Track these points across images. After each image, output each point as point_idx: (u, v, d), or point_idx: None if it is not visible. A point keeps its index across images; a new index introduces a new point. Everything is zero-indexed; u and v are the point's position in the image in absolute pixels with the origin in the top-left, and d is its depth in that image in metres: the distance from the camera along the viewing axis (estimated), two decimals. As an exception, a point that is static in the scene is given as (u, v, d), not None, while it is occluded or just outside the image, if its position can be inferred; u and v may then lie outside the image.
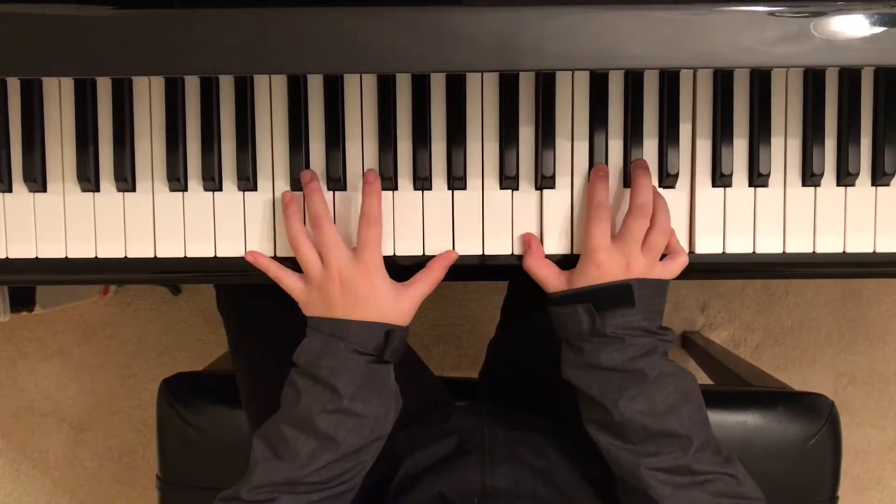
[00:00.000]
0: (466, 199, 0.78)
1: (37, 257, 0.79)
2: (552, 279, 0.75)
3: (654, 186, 0.76)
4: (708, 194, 0.78)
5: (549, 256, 0.77)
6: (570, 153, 0.78)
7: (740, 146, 0.78)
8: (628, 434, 0.70)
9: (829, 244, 0.78)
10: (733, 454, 0.71)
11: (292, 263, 0.76)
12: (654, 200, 0.74)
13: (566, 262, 0.77)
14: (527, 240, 0.76)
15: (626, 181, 0.78)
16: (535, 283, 0.77)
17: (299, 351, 0.72)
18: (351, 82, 0.78)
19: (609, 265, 0.72)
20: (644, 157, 0.77)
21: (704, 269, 0.79)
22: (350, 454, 0.70)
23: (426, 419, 0.87)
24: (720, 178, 0.77)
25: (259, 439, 0.71)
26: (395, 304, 0.73)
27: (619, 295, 0.71)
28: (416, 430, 0.83)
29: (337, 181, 0.77)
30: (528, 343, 0.97)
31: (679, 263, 0.75)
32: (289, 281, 0.75)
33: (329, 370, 0.69)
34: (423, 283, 0.75)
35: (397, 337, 0.72)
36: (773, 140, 0.77)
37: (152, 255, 0.78)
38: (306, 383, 0.70)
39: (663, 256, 0.75)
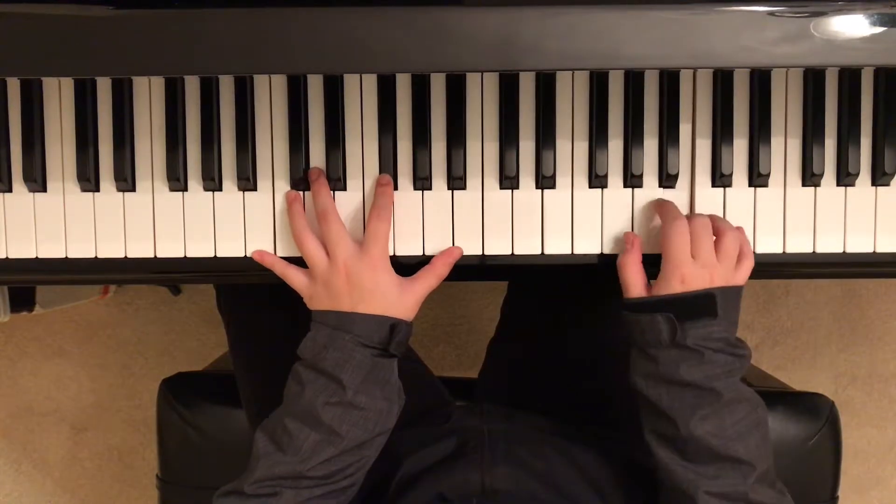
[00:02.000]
0: (466, 199, 0.78)
1: (37, 257, 0.79)
2: (637, 285, 0.73)
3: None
4: (708, 194, 0.78)
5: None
6: (570, 153, 0.78)
7: (740, 146, 0.78)
8: (690, 452, 0.69)
9: (829, 244, 0.78)
10: (785, 489, 0.71)
11: (293, 263, 0.76)
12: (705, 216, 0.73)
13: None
14: (630, 238, 0.75)
15: (627, 181, 0.78)
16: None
17: (304, 344, 0.72)
18: (351, 82, 0.78)
19: (693, 279, 0.70)
20: (644, 157, 0.77)
21: (704, 269, 0.79)
22: (353, 448, 0.70)
23: (426, 419, 0.87)
24: (720, 178, 0.77)
25: (262, 433, 0.71)
26: (399, 298, 0.73)
27: (701, 305, 0.69)
28: (415, 431, 0.83)
29: (337, 181, 0.77)
30: (528, 343, 0.97)
31: (746, 268, 0.73)
32: (294, 276, 0.75)
33: (334, 362, 0.69)
34: (428, 279, 0.75)
35: (402, 330, 0.72)
36: (773, 140, 0.77)
37: (152, 255, 0.78)
38: (311, 375, 0.70)
39: None
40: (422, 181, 0.78)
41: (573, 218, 0.78)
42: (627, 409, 0.76)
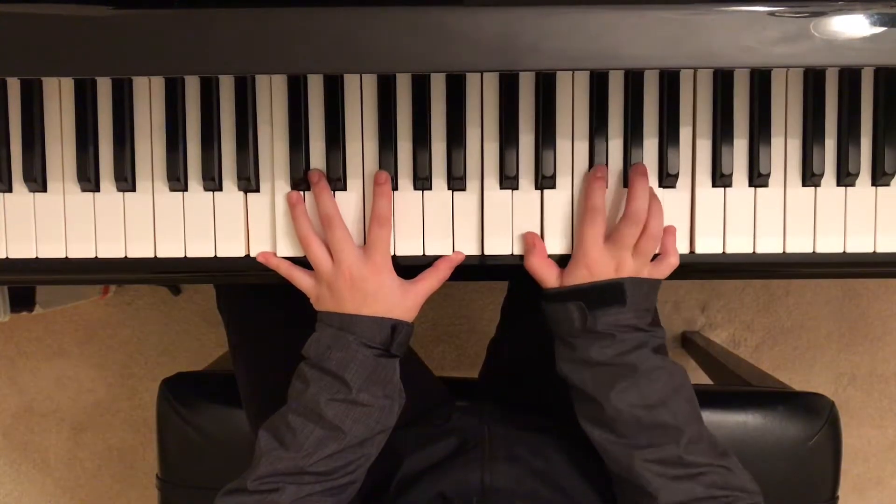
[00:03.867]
0: (466, 199, 0.78)
1: (37, 257, 0.79)
2: (551, 278, 0.76)
3: (651, 189, 0.76)
4: (708, 194, 0.78)
5: (549, 256, 0.77)
6: (570, 153, 0.78)
7: (740, 146, 0.78)
8: (620, 427, 0.71)
9: (829, 244, 0.78)
10: (729, 450, 0.72)
11: (294, 262, 0.77)
12: (650, 205, 0.75)
13: (565, 261, 0.77)
14: (529, 239, 0.77)
15: (626, 181, 0.78)
16: (535, 284, 0.77)
17: (309, 344, 0.73)
18: (351, 82, 0.78)
19: (599, 267, 0.73)
20: (644, 157, 0.77)
21: (704, 269, 0.79)
22: (355, 445, 0.71)
23: (426, 419, 0.87)
24: (720, 178, 0.77)
25: (265, 431, 0.72)
26: (401, 301, 0.74)
27: (610, 293, 0.72)
28: (416, 430, 0.83)
29: (337, 181, 0.77)
30: (528, 343, 0.97)
31: (667, 265, 0.76)
32: (300, 278, 0.76)
33: (338, 362, 0.71)
34: (430, 281, 0.76)
35: (403, 331, 0.73)
36: (773, 140, 0.77)
37: (152, 255, 0.78)
38: (315, 374, 0.71)
39: (655, 256, 0.76)
40: (422, 181, 0.78)
41: (573, 218, 0.78)
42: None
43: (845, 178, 0.77)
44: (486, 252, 0.78)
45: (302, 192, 0.77)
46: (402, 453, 0.79)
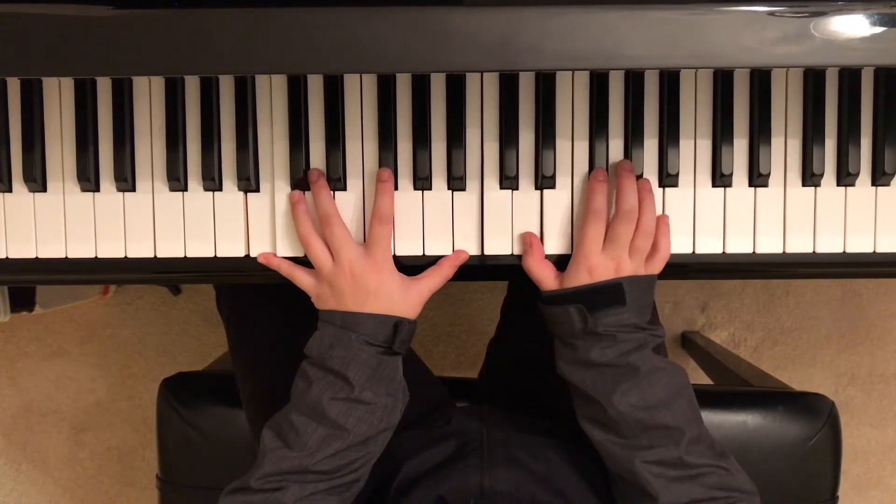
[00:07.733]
0: (466, 199, 0.78)
1: (37, 257, 0.79)
2: (549, 280, 0.76)
3: (647, 182, 0.76)
4: (708, 194, 0.78)
5: (548, 256, 0.77)
6: (570, 153, 0.78)
7: (740, 146, 0.78)
8: (621, 429, 0.71)
9: (829, 244, 0.78)
10: (727, 450, 0.73)
11: (295, 262, 0.76)
12: (643, 200, 0.75)
13: (565, 261, 0.77)
14: (527, 239, 0.77)
15: (626, 181, 0.78)
16: (535, 284, 0.77)
17: (311, 343, 0.73)
18: (351, 82, 0.78)
19: (600, 269, 0.73)
20: (644, 157, 0.77)
21: (704, 269, 0.79)
22: (358, 443, 0.71)
23: (426, 421, 0.87)
24: (720, 178, 0.77)
25: (269, 429, 0.72)
26: (403, 298, 0.74)
27: (610, 294, 0.72)
28: (415, 432, 0.83)
29: (337, 181, 0.77)
30: (528, 343, 0.97)
31: (660, 259, 0.76)
32: (301, 277, 0.76)
33: (340, 360, 0.71)
34: (433, 279, 0.76)
35: (406, 329, 0.73)
36: (773, 140, 0.77)
37: (152, 255, 0.78)
38: (318, 373, 0.71)
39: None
40: (422, 181, 0.78)
41: (573, 218, 0.78)
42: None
43: (845, 178, 0.77)
44: (486, 252, 0.78)
45: (304, 193, 0.77)
46: (401, 457, 0.79)
